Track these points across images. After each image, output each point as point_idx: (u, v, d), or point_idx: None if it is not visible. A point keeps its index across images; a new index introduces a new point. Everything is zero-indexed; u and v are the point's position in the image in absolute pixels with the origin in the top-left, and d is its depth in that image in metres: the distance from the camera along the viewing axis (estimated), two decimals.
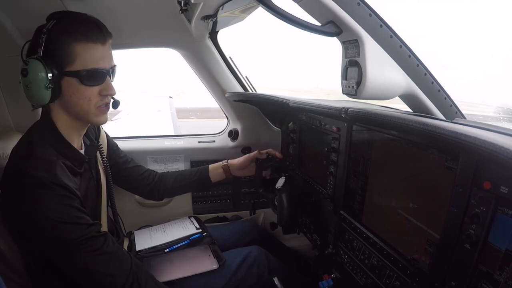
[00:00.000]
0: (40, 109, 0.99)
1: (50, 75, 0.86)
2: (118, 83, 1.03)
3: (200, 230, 1.41)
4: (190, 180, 1.44)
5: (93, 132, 1.19)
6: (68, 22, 0.89)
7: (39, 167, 0.84)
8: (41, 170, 0.84)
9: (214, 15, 1.20)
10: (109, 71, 0.95)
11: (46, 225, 0.83)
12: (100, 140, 1.22)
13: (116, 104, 1.03)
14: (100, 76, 0.92)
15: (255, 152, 1.45)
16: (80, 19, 0.91)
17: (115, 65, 0.98)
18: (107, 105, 0.98)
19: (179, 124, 4.33)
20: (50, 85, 0.86)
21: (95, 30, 0.90)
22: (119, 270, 0.92)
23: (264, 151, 1.46)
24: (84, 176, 1.05)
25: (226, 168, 1.45)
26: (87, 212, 0.93)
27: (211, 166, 1.46)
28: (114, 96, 1.00)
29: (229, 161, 1.46)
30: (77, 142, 1.03)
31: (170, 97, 6.34)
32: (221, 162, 1.46)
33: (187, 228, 1.44)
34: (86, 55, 0.89)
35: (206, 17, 1.21)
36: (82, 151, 1.06)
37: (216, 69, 1.63)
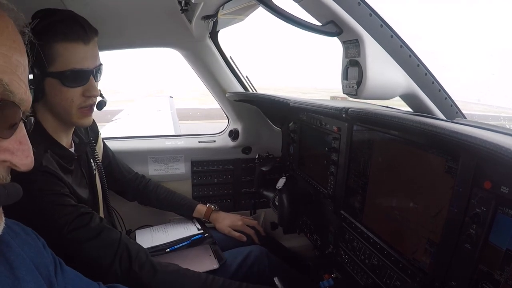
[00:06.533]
0: None
1: (31, 76, 0.84)
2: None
3: (202, 231, 1.41)
4: (176, 204, 1.51)
5: (82, 130, 1.17)
6: (50, 21, 0.86)
7: None
8: None
9: (215, 15, 1.20)
10: (93, 71, 0.92)
11: (33, 208, 0.82)
12: (96, 145, 1.22)
13: (101, 105, 1.01)
14: (82, 77, 0.90)
15: (238, 234, 1.45)
16: (62, 17, 0.88)
17: (100, 64, 0.96)
18: (91, 107, 0.96)
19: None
20: (31, 86, 0.85)
21: (77, 29, 0.88)
22: (108, 241, 0.92)
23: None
24: (75, 174, 1.05)
25: (208, 214, 1.49)
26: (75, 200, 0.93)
27: (199, 206, 1.51)
28: (101, 97, 0.99)
29: (215, 215, 1.49)
30: (66, 141, 1.03)
31: (170, 97, 6.38)
32: (211, 207, 1.51)
33: (189, 229, 1.45)
34: (67, 55, 0.87)
35: (206, 17, 1.21)
36: (72, 149, 1.05)
37: (216, 69, 1.63)
